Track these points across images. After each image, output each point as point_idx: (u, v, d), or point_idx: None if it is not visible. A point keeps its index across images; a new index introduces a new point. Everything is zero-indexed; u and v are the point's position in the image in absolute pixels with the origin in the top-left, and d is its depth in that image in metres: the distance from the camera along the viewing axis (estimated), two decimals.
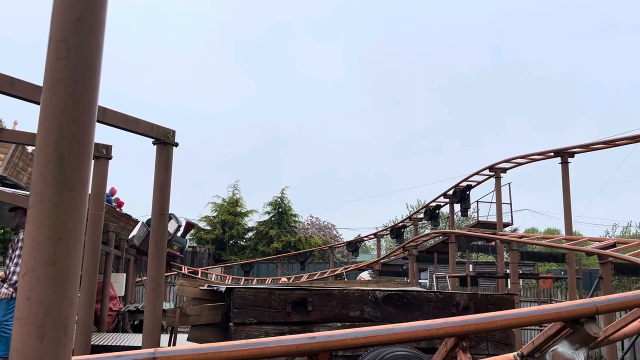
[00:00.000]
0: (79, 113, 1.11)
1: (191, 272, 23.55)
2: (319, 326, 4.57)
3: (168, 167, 5.29)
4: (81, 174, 1.11)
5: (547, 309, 2.66)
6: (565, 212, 14.00)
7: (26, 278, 1.05)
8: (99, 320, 9.52)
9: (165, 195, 5.28)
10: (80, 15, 1.11)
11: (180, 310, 4.84)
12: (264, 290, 4.63)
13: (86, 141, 1.13)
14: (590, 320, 2.56)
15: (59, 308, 1.05)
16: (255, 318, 4.46)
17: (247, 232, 37.01)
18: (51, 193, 1.07)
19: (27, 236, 1.07)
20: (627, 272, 14.95)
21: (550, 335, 2.75)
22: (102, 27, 1.16)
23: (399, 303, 4.90)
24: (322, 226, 39.64)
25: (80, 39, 1.12)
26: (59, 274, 1.06)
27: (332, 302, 4.71)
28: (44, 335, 1.03)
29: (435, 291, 5.60)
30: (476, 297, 5.19)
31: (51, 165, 1.08)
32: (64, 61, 1.10)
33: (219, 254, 34.12)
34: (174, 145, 5.37)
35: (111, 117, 4.98)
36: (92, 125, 1.15)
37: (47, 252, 1.05)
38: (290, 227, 36.12)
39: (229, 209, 35.71)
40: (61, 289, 1.06)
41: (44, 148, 1.09)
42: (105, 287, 9.95)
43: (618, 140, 13.88)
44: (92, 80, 1.14)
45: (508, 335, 5.00)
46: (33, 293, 1.04)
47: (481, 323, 2.48)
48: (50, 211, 1.07)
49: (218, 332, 4.83)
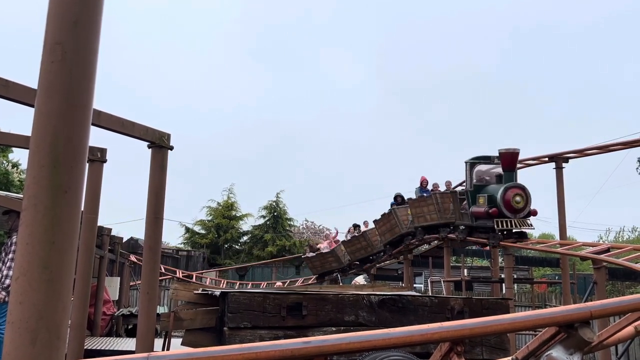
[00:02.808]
0: (73, 116, 1.11)
1: (185, 276, 23.47)
2: (314, 330, 4.56)
3: (163, 170, 5.28)
4: (75, 177, 1.11)
5: (542, 313, 2.67)
6: (559, 217, 14.06)
7: (19, 282, 1.05)
8: (93, 324, 9.47)
9: (159, 199, 5.26)
10: (76, 19, 1.11)
11: (174, 314, 4.82)
12: (259, 294, 4.62)
13: (81, 144, 1.12)
14: (584, 325, 2.57)
15: (52, 312, 1.04)
16: (249, 322, 4.44)
17: (242, 236, 36.94)
18: (45, 196, 1.07)
19: (21, 239, 1.07)
20: (621, 277, 15.03)
21: (545, 340, 2.76)
22: (98, 31, 1.16)
23: (394, 307, 4.90)
24: (318, 230, 39.62)
25: (76, 43, 1.12)
26: (53, 277, 1.05)
27: (327, 307, 4.71)
28: (36, 339, 1.02)
29: (430, 296, 5.61)
30: (471, 301, 5.20)
31: (45, 169, 1.08)
32: (59, 64, 1.10)
33: (214, 258, 34.02)
34: (169, 148, 5.36)
35: (106, 120, 4.97)
36: (87, 129, 1.15)
37: (41, 256, 1.04)
38: (286, 231, 36.07)
39: (223, 213, 35.65)
40: (54, 293, 1.05)
41: (38, 151, 1.09)
42: (99, 290, 9.90)
43: (612, 146, 13.97)
44: (88, 83, 1.14)
45: (503, 340, 5.01)
46: (26, 297, 1.03)
47: (476, 328, 2.48)
48: (44, 214, 1.06)
49: (212, 337, 4.81)
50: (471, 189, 12.87)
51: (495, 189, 12.30)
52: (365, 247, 17.32)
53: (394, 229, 15.85)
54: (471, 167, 12.98)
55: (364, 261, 17.85)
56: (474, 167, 12.98)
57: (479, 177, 12.99)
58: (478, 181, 12.90)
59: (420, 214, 14.67)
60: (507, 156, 12.09)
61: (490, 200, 12.19)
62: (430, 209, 14.18)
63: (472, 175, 12.91)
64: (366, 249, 17.36)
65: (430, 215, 14.22)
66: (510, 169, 12.14)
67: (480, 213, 12.46)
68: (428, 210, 14.30)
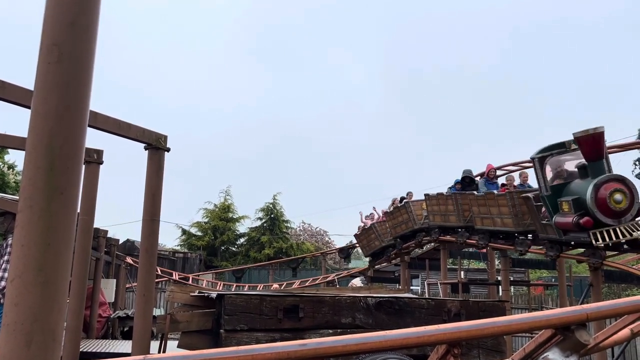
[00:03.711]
0: (70, 118, 1.10)
1: (182, 278, 23.42)
2: (311, 333, 4.56)
3: (159, 172, 5.27)
4: (72, 179, 1.11)
5: (538, 316, 2.67)
6: None
7: (14, 284, 1.04)
8: (88, 326, 9.43)
9: (156, 201, 5.25)
10: (73, 20, 1.11)
11: (170, 316, 4.80)
12: (256, 296, 4.61)
13: (77, 146, 1.12)
14: (580, 328, 2.57)
15: (48, 314, 1.04)
16: (246, 325, 4.43)
17: (238, 238, 36.92)
18: (41, 198, 1.06)
19: (16, 241, 1.06)
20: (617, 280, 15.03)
21: (541, 343, 2.76)
22: (95, 32, 1.16)
23: (391, 310, 4.89)
24: (315, 232, 39.61)
25: (73, 44, 1.11)
26: (48, 279, 1.04)
27: (323, 309, 4.70)
28: (31, 341, 1.01)
29: (427, 298, 5.61)
30: (468, 304, 5.20)
31: (41, 170, 1.07)
32: (55, 65, 1.10)
33: (210, 260, 33.97)
34: (166, 150, 5.35)
35: (103, 121, 4.96)
36: (83, 130, 1.14)
37: (36, 258, 1.04)
38: (282, 233, 36.07)
39: (220, 215, 35.61)
40: (50, 295, 1.05)
41: (35, 153, 1.09)
42: (95, 293, 9.87)
43: (609, 149, 14.00)
44: (84, 84, 1.13)
45: (499, 342, 5.01)
46: (21, 299, 1.03)
47: (472, 330, 2.48)
48: (40, 216, 1.06)
49: (209, 339, 4.79)
50: (548, 192, 9.34)
51: (582, 187, 8.80)
52: (407, 221, 14.68)
53: (448, 216, 12.82)
54: (541, 162, 9.43)
55: (405, 239, 15.25)
56: (545, 162, 9.46)
57: (556, 174, 9.63)
58: (555, 179, 9.54)
59: (486, 214, 11.35)
60: (588, 141, 8.50)
61: (578, 205, 8.70)
62: (503, 211, 10.87)
63: (544, 173, 9.41)
64: (407, 223, 14.69)
65: (502, 218, 10.93)
66: (596, 156, 8.63)
67: (567, 225, 8.90)
68: (499, 212, 10.97)
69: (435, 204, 13.43)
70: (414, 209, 14.72)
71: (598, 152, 8.62)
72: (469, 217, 12.29)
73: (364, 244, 18.09)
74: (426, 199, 13.76)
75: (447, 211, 12.98)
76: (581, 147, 8.66)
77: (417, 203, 14.73)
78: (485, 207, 11.43)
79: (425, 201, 13.82)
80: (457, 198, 12.53)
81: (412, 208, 14.79)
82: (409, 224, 14.87)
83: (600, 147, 8.60)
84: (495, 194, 11.25)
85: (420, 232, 14.60)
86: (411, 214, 14.73)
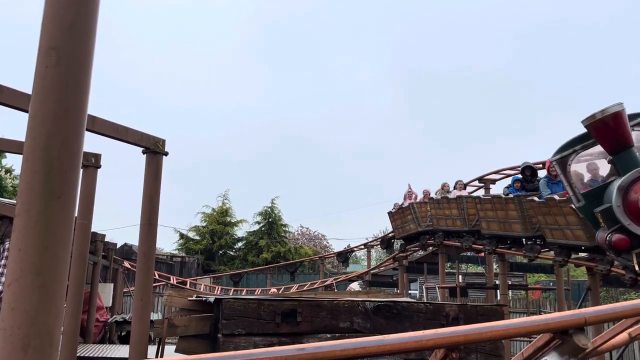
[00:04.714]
0: (68, 121, 1.10)
1: (180, 283, 23.37)
2: (309, 337, 4.55)
3: (157, 176, 5.27)
4: (69, 182, 1.10)
5: (536, 320, 2.67)
6: None
7: (11, 288, 1.04)
8: (86, 331, 9.39)
9: (154, 205, 5.24)
10: (71, 23, 1.11)
11: (168, 321, 4.79)
12: (253, 301, 4.60)
13: (75, 150, 1.12)
14: (578, 332, 2.57)
15: (45, 319, 1.03)
16: (244, 329, 4.42)
17: (236, 242, 36.87)
18: (38, 202, 1.06)
19: (13, 245, 1.06)
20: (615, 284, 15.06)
21: (539, 347, 2.76)
22: (93, 35, 1.16)
23: (389, 314, 4.89)
24: (313, 236, 39.58)
25: (71, 47, 1.11)
26: (45, 283, 1.04)
27: (321, 313, 4.69)
28: (28, 346, 1.01)
29: (425, 302, 5.60)
30: (466, 308, 5.20)
31: (39, 174, 1.07)
32: (53, 69, 1.10)
33: (208, 264, 33.90)
34: (164, 154, 5.35)
35: (100, 125, 4.95)
36: (81, 134, 1.14)
37: (33, 262, 1.03)
38: (280, 237, 36.03)
39: (218, 219, 35.57)
40: (47, 299, 1.04)
41: (32, 156, 1.08)
42: (92, 297, 9.84)
43: None
44: (82, 88, 1.13)
45: (497, 347, 5.01)
46: (18, 303, 1.02)
47: (471, 334, 2.48)
48: (37, 220, 1.05)
49: (206, 343, 4.78)
50: (581, 202, 7.03)
51: (610, 190, 6.54)
52: (455, 216, 12.75)
53: (507, 223, 10.95)
54: (563, 166, 7.07)
55: (448, 234, 13.55)
56: (569, 164, 7.05)
57: (586, 177, 7.23)
58: (589, 184, 7.10)
59: (553, 225, 8.98)
60: (601, 128, 6.22)
61: (607, 216, 6.47)
62: (571, 221, 8.45)
63: (569, 180, 7.10)
64: (453, 219, 12.88)
65: (572, 230, 8.57)
66: (619, 146, 6.31)
67: (603, 245, 6.85)
68: (566, 222, 8.57)
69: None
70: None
71: (620, 140, 6.26)
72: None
73: (398, 224, 15.79)
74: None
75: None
76: (596, 138, 6.49)
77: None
78: (549, 215, 9.13)
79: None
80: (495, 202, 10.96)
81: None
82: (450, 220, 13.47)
83: (621, 133, 6.20)
84: (554, 198, 8.86)
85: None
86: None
